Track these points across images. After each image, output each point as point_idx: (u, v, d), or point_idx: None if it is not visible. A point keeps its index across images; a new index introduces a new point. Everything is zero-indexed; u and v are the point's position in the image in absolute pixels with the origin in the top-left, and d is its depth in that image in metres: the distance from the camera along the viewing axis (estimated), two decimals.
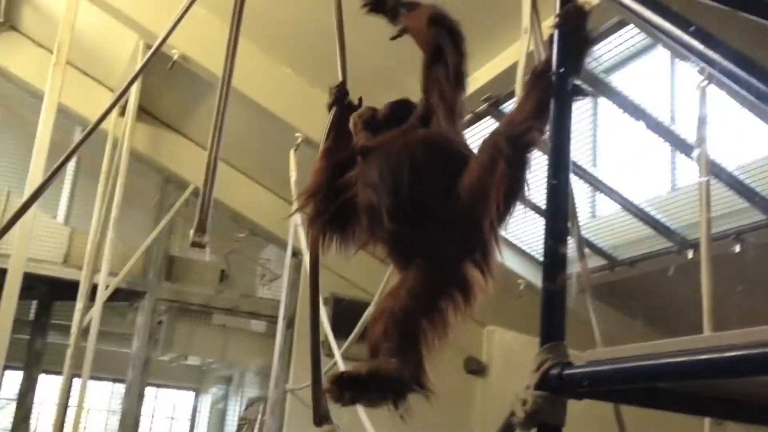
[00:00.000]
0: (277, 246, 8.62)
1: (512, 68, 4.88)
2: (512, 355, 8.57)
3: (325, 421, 2.17)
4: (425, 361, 2.26)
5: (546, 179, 1.72)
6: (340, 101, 2.69)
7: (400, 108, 2.40)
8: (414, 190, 2.09)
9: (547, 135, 1.90)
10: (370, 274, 8.39)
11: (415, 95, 2.46)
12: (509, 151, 2.02)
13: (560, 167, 1.75)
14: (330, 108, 2.67)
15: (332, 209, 2.34)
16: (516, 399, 1.59)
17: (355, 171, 2.27)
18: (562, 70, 1.80)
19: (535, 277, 7.25)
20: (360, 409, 4.86)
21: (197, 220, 2.55)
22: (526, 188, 2.14)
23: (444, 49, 2.39)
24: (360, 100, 2.67)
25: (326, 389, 2.13)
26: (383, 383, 2.12)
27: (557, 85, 1.79)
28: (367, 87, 6.62)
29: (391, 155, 2.14)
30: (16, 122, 8.50)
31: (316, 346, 2.34)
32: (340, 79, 3.00)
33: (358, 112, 2.42)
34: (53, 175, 2.94)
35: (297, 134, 6.61)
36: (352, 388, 2.08)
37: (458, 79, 2.34)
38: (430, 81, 2.36)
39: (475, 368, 8.75)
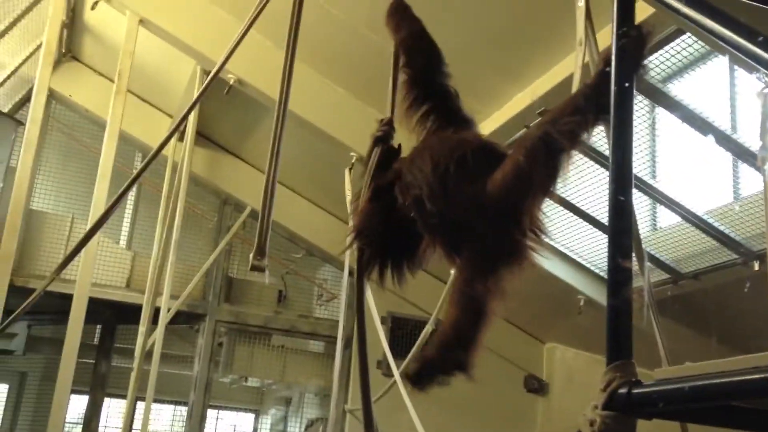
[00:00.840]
0: (333, 266, 8.66)
1: (567, 81, 4.83)
2: (573, 374, 8.42)
3: None
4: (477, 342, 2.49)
5: (609, 194, 1.67)
6: (385, 140, 2.76)
7: None
8: (453, 177, 2.24)
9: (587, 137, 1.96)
10: (427, 293, 8.35)
11: (479, 103, 2.50)
12: (545, 147, 2.18)
13: (623, 182, 1.70)
14: (374, 146, 2.74)
15: (380, 244, 2.55)
16: (583, 419, 1.55)
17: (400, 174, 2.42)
18: (620, 86, 1.76)
19: (596, 293, 7.11)
20: (412, 412, 4.83)
21: (256, 243, 2.58)
22: (556, 184, 2.30)
23: None
24: (399, 146, 2.78)
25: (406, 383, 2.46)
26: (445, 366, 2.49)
27: (617, 100, 1.75)
28: None
29: (430, 151, 2.34)
30: (79, 150, 8.74)
31: (365, 365, 2.33)
32: (389, 114, 2.91)
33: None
34: (117, 201, 3.01)
35: (352, 154, 6.64)
36: (425, 378, 2.48)
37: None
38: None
39: (536, 387, 8.62)
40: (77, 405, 9.31)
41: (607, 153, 5.55)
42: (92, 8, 6.80)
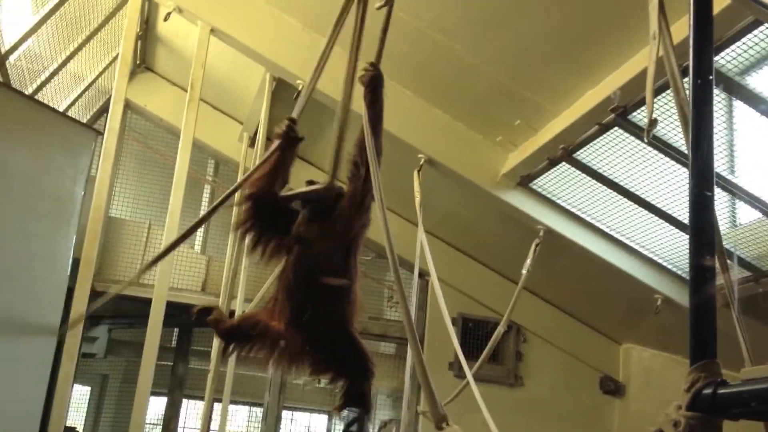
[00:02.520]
0: (403, 268, 8.66)
1: (641, 76, 4.73)
2: (651, 375, 8.23)
3: (445, 422, 2.18)
4: None
5: (689, 190, 1.63)
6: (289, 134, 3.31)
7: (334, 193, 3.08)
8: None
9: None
10: (497, 293, 8.33)
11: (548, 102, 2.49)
12: None
13: (704, 176, 1.65)
14: (282, 139, 3.26)
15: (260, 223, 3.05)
16: (666, 419, 1.51)
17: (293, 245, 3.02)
18: (699, 80, 1.71)
19: (673, 292, 6.93)
20: (486, 414, 4.78)
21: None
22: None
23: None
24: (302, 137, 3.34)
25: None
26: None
27: (696, 92, 1.70)
28: (487, 101, 6.60)
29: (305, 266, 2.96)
30: (154, 158, 8.97)
31: (419, 357, 2.37)
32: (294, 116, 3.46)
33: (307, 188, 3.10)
34: (208, 216, 3.25)
35: (420, 155, 6.65)
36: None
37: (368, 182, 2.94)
38: (352, 176, 3.04)
39: (612, 388, 8.46)
40: (157, 406, 9.55)
41: (683, 149, 5.41)
42: (165, 20, 6.97)
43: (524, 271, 6.63)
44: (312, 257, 2.93)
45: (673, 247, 6.76)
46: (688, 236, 1.65)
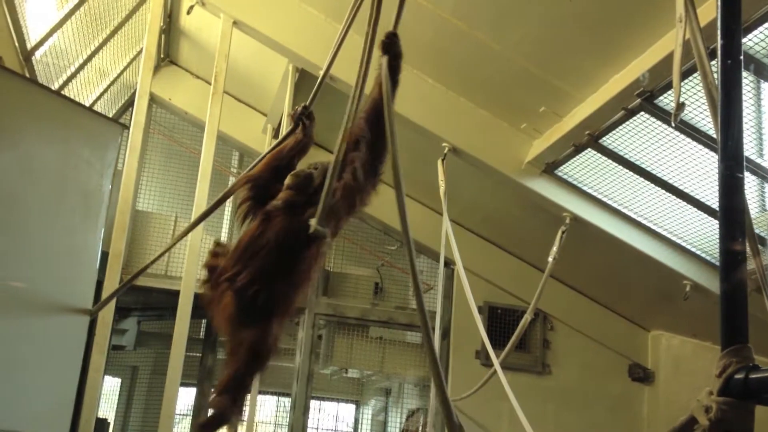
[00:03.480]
0: (428, 256, 8.67)
1: (667, 59, 4.67)
2: (680, 361, 8.17)
3: None
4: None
5: (718, 173, 1.60)
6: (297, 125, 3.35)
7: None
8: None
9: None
10: (523, 281, 8.30)
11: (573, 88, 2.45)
12: None
13: (734, 159, 1.62)
14: (295, 123, 3.33)
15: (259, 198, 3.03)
16: (697, 405, 1.50)
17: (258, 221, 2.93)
18: (727, 61, 1.68)
19: (702, 278, 6.85)
20: (514, 402, 4.78)
21: (319, 210, 2.71)
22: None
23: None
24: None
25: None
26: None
27: (725, 74, 1.67)
28: (511, 88, 6.57)
29: (262, 242, 2.82)
30: (179, 151, 9.04)
31: (435, 360, 2.29)
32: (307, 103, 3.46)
33: (295, 172, 3.02)
34: (216, 205, 3.16)
35: (444, 144, 6.63)
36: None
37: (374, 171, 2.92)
38: (348, 160, 2.87)
39: (641, 375, 8.41)
40: (186, 397, 9.65)
41: (711, 133, 5.34)
42: (188, 13, 7.01)
43: (550, 259, 6.60)
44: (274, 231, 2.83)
45: (701, 233, 6.69)
46: (716, 221, 1.63)
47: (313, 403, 8.78)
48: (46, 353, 4.14)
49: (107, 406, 9.97)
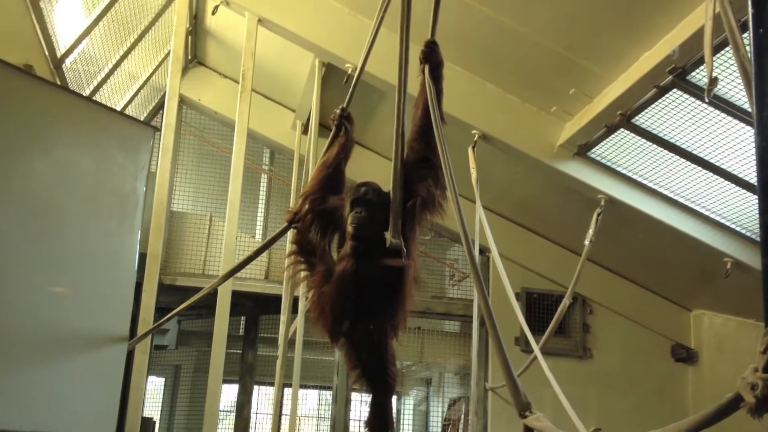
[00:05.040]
0: (462, 245, 8.65)
1: (698, 34, 4.59)
2: (723, 340, 8.07)
3: (528, 410, 2.14)
4: None
5: (755, 145, 1.57)
6: (339, 127, 3.39)
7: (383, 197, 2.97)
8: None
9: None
10: (559, 266, 8.23)
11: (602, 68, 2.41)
12: None
13: None
14: (336, 127, 3.37)
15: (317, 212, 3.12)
16: (742, 383, 1.47)
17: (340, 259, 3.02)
18: (762, 31, 1.64)
19: (743, 254, 6.74)
20: (556, 387, 4.74)
21: (392, 223, 2.66)
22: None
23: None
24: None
25: None
26: None
27: (758, 44, 1.63)
28: (539, 72, 6.50)
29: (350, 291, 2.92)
30: (211, 151, 9.11)
31: (498, 342, 2.31)
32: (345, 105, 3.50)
33: (351, 220, 2.94)
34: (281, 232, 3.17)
35: (473, 131, 6.59)
36: None
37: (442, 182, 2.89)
38: (419, 176, 2.91)
39: (684, 356, 8.31)
40: (229, 393, 9.75)
41: (746, 107, 5.24)
42: (213, 13, 7.04)
43: (587, 242, 6.53)
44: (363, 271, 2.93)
45: (740, 209, 6.58)
46: (755, 196, 1.59)
47: (355, 396, 8.82)
48: (90, 356, 4.20)
49: (152, 406, 10.12)
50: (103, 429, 4.17)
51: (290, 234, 3.37)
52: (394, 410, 11.93)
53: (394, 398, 11.72)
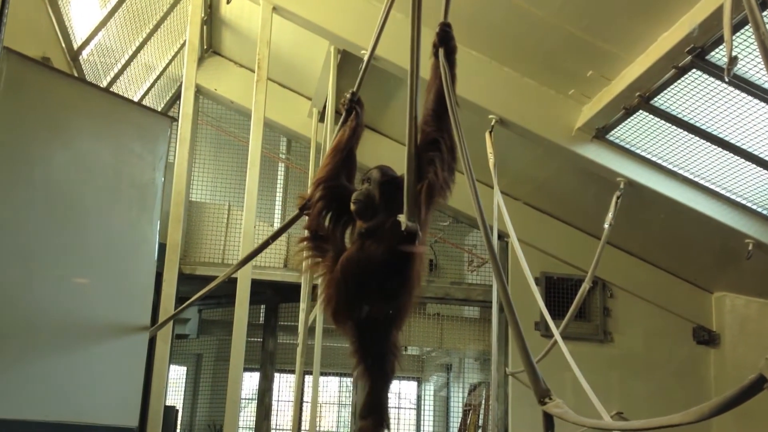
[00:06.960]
0: (480, 230, 8.64)
1: (717, 12, 4.53)
2: (746, 322, 8.01)
3: (547, 396, 2.14)
4: None
5: None
6: (350, 111, 3.31)
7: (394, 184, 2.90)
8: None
9: None
10: (579, 250, 8.20)
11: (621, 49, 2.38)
12: None
13: None
14: (347, 111, 3.30)
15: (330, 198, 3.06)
16: (765, 364, 1.46)
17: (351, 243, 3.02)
18: None
19: (765, 235, 6.69)
20: (577, 371, 4.73)
21: (406, 207, 2.64)
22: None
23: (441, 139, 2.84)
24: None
25: None
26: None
27: None
28: (556, 55, 6.44)
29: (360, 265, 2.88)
30: (228, 140, 9.13)
31: (517, 328, 2.29)
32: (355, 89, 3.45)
33: (353, 199, 2.92)
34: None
35: (491, 116, 6.56)
36: None
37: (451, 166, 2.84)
38: (427, 159, 2.81)
39: (706, 338, 8.27)
40: (250, 381, 9.82)
41: (767, 85, 5.17)
42: (228, 2, 7.05)
43: (606, 225, 6.49)
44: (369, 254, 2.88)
45: (762, 189, 6.52)
46: None
47: None
48: (112, 345, 4.24)
49: (175, 394, 10.21)
50: (127, 418, 4.22)
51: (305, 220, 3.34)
52: (414, 397, 11.95)
53: (413, 385, 11.76)
